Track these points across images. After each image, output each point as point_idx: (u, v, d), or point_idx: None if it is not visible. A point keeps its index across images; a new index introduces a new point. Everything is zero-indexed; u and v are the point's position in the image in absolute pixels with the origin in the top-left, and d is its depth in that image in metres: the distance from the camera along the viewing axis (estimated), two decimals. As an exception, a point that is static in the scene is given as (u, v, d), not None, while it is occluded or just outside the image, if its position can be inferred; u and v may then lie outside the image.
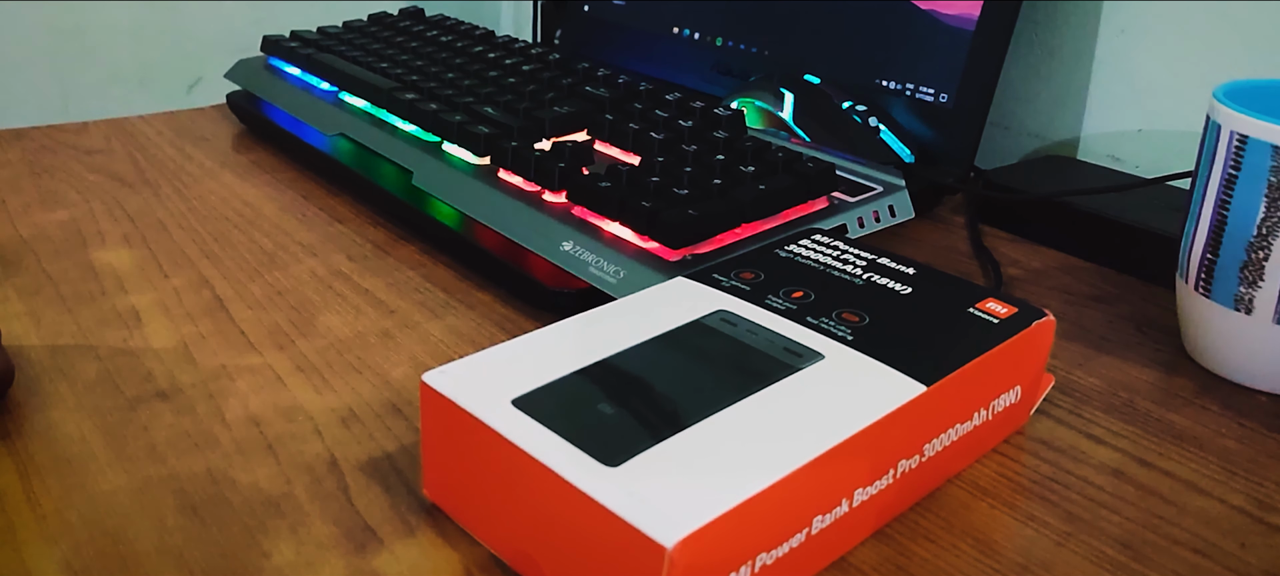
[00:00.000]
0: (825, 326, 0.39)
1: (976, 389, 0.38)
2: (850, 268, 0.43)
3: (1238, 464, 0.41)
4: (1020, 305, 0.41)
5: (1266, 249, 0.43)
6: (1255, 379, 0.46)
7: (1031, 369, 0.41)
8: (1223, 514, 0.38)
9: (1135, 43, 0.65)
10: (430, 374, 0.36)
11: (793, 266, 0.44)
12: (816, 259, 0.44)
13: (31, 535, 0.35)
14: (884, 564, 0.35)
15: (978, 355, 0.37)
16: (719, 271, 0.43)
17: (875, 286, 0.42)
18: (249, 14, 0.96)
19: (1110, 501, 0.38)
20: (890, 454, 0.35)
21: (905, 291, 0.42)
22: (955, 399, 0.37)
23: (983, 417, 0.39)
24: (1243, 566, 0.35)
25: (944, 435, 0.37)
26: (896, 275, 0.43)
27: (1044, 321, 0.40)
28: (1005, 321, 0.40)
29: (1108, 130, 0.68)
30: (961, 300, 0.41)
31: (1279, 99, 0.47)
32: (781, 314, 0.40)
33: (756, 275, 0.43)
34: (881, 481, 0.35)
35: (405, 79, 0.68)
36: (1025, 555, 0.35)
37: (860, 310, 0.40)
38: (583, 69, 0.69)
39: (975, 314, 0.40)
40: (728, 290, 0.41)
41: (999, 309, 0.40)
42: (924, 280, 0.43)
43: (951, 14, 0.64)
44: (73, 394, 0.42)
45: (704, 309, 0.40)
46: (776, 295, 0.41)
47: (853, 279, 0.43)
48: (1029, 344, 0.40)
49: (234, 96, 0.77)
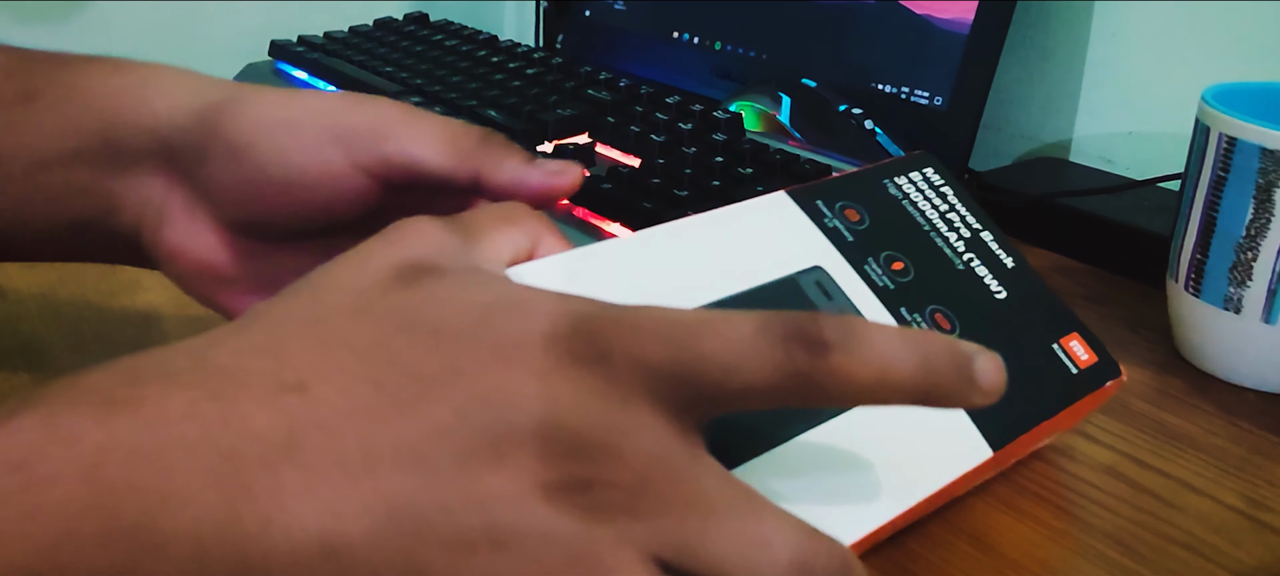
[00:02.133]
0: (917, 327, 0.35)
1: (1031, 443, 0.36)
2: (954, 238, 0.38)
3: (1230, 462, 0.41)
4: (1100, 353, 0.38)
5: (1255, 249, 0.43)
6: (1245, 377, 0.46)
7: (1081, 417, 0.39)
8: (1215, 511, 0.38)
9: (1126, 46, 0.65)
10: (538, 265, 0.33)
11: (898, 215, 0.38)
12: (924, 210, 0.39)
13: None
14: (882, 561, 0.35)
15: (1048, 418, 0.35)
16: (825, 198, 0.37)
17: (974, 277, 0.38)
18: (256, 19, 0.95)
19: (1105, 500, 0.38)
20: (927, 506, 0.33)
21: (1000, 294, 0.37)
22: (1010, 455, 0.35)
23: (1016, 457, 0.37)
24: (1235, 563, 0.35)
25: (986, 476, 0.35)
26: (996, 266, 0.38)
27: (1115, 382, 0.38)
28: (1083, 373, 0.37)
29: (1099, 132, 0.67)
30: (1049, 330, 0.37)
31: (1267, 102, 0.47)
32: (878, 293, 0.35)
33: (861, 216, 0.37)
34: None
35: (410, 83, 0.68)
36: (1021, 553, 0.35)
37: (953, 313, 0.36)
38: (584, 73, 0.69)
39: (1059, 355, 0.37)
40: (830, 233, 0.36)
41: (1082, 353, 0.37)
42: (1020, 281, 0.38)
43: (946, 18, 0.64)
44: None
45: (801, 260, 0.35)
46: (877, 260, 0.36)
47: (954, 258, 0.38)
48: (1091, 403, 0.38)
49: (242, 101, 0.77)
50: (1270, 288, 0.43)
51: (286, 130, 0.35)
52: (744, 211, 0.36)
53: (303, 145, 0.35)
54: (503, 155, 0.35)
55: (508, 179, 0.35)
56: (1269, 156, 0.42)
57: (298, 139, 0.35)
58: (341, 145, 0.35)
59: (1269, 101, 0.47)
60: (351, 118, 0.35)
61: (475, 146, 0.35)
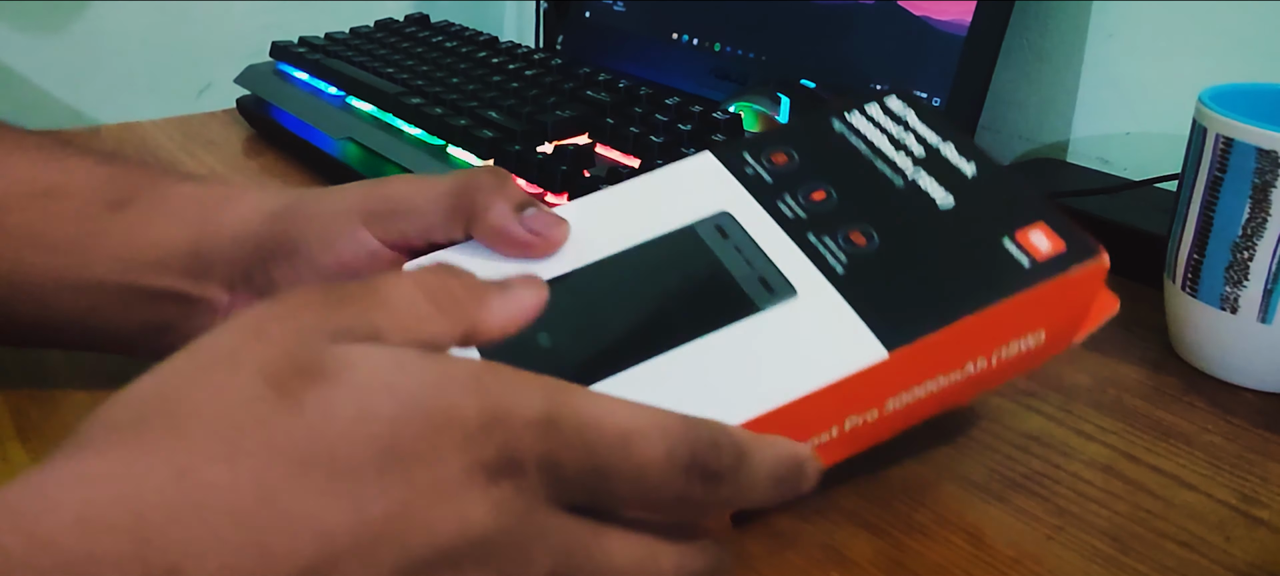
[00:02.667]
0: (824, 249, 0.35)
1: (972, 342, 0.34)
2: (902, 158, 0.38)
3: (1223, 459, 0.41)
4: (1071, 239, 0.34)
5: (1251, 249, 0.43)
6: (1241, 376, 0.46)
7: (1065, 313, 0.35)
8: (1209, 508, 0.38)
9: (1123, 47, 0.65)
10: (409, 265, 0.36)
11: (837, 148, 0.39)
12: (870, 139, 0.39)
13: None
14: (878, 557, 0.35)
15: (976, 310, 0.33)
16: (751, 150, 0.39)
17: (916, 191, 0.37)
18: (258, 20, 0.96)
19: (1099, 496, 0.38)
20: (835, 414, 0.32)
21: (947, 203, 0.36)
22: (934, 357, 0.33)
23: (983, 366, 0.35)
24: (1228, 559, 0.35)
25: (917, 388, 0.34)
26: (950, 177, 0.37)
27: (1091, 266, 0.34)
28: (1041, 264, 0.34)
29: (1096, 133, 0.68)
30: (1005, 223, 0.35)
31: (1263, 102, 0.47)
32: (787, 224, 0.36)
33: (790, 158, 0.38)
34: (824, 436, 0.33)
35: (411, 84, 0.68)
36: (1016, 549, 0.36)
37: (875, 227, 0.35)
38: (584, 74, 0.69)
39: (1008, 248, 0.34)
40: (748, 181, 0.37)
41: (1041, 242, 0.34)
42: (979, 187, 0.36)
43: (944, 19, 0.64)
44: (91, 397, 0.42)
45: (709, 208, 0.37)
46: (795, 195, 0.37)
47: (894, 177, 0.37)
48: (1063, 290, 0.34)
49: (243, 101, 0.77)
50: (1266, 287, 0.43)
51: (330, 221, 0.37)
52: (672, 171, 0.38)
53: (342, 233, 0.37)
54: (492, 199, 0.35)
55: (494, 226, 0.35)
56: (1265, 157, 0.42)
57: (339, 228, 0.37)
58: (371, 228, 0.37)
59: (1265, 103, 0.47)
60: (373, 202, 0.37)
61: (468, 193, 0.36)
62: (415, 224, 0.36)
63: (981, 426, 0.42)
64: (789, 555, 0.35)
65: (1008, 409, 0.44)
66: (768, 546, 0.35)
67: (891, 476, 0.39)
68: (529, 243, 0.35)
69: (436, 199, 0.36)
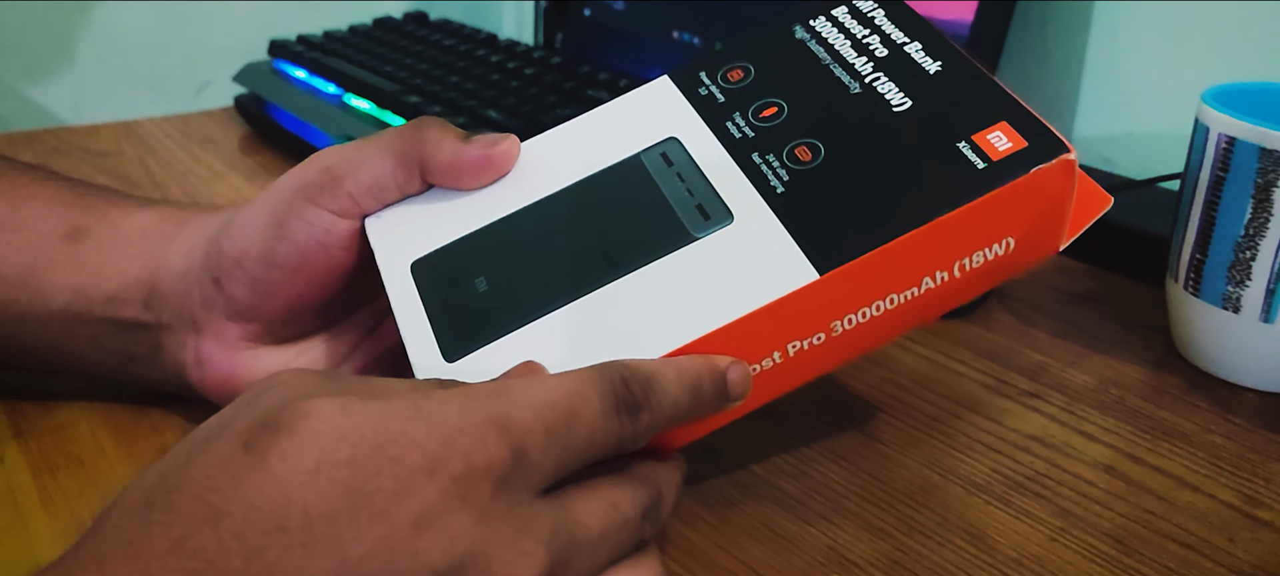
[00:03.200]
0: (765, 168, 0.34)
1: (922, 257, 0.32)
2: (861, 61, 0.36)
3: (1226, 460, 0.41)
4: (1035, 137, 0.32)
5: (1254, 249, 0.43)
6: (1243, 376, 0.46)
7: (1036, 217, 0.32)
8: (1212, 509, 0.38)
9: (1125, 47, 0.65)
10: (371, 218, 0.35)
11: (794, 57, 0.37)
12: (832, 44, 0.37)
13: (44, 531, 0.35)
14: (880, 558, 0.35)
15: (917, 226, 0.31)
16: (708, 69, 0.38)
17: (871, 95, 0.35)
18: (257, 18, 0.95)
19: (1102, 497, 0.38)
20: (773, 338, 0.31)
21: (902, 105, 0.34)
22: (879, 276, 0.31)
23: (945, 279, 0.32)
24: (1231, 560, 0.35)
25: (867, 309, 0.32)
26: (909, 76, 0.35)
27: (1056, 164, 0.31)
28: (996, 165, 0.31)
29: (1099, 133, 0.67)
30: (962, 124, 0.33)
31: (1266, 102, 0.47)
32: (734, 145, 0.35)
33: (746, 73, 0.37)
34: (767, 361, 0.32)
35: (409, 82, 0.68)
36: (1019, 550, 0.35)
37: (822, 140, 0.34)
38: (583, 72, 0.69)
39: (963, 151, 0.32)
40: (700, 103, 0.37)
41: (1001, 142, 0.32)
42: (941, 87, 0.34)
43: (946, 19, 0.64)
44: (86, 395, 0.42)
45: (658, 134, 0.36)
46: (744, 113, 0.36)
47: (850, 83, 0.35)
48: (1026, 192, 0.31)
49: (242, 99, 0.77)
50: (1269, 287, 0.43)
51: (267, 219, 0.35)
52: (630, 99, 0.38)
53: (289, 219, 0.35)
54: (439, 138, 0.35)
55: (447, 160, 0.35)
56: (1268, 156, 0.42)
57: (284, 216, 0.35)
58: (318, 202, 0.35)
59: (1267, 102, 0.47)
60: (312, 175, 0.35)
61: (414, 138, 0.35)
62: (363, 182, 0.35)
63: (984, 428, 0.42)
64: (791, 557, 0.35)
65: (1010, 409, 0.43)
66: (770, 548, 0.35)
67: (894, 478, 0.39)
68: (484, 161, 0.35)
69: (381, 153, 0.35)
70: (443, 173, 0.35)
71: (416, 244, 0.34)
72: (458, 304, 0.32)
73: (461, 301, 0.32)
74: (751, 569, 0.34)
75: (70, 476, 0.37)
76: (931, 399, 0.44)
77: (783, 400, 0.33)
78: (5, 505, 0.36)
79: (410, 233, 0.35)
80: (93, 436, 0.39)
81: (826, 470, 0.39)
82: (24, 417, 0.40)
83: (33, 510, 0.36)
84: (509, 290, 0.32)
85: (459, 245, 0.34)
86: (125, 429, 0.40)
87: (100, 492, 0.37)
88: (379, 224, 0.35)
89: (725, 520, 0.36)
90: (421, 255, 0.34)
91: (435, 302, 0.32)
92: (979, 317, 0.51)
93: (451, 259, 0.34)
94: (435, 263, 0.34)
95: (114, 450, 0.39)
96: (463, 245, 0.34)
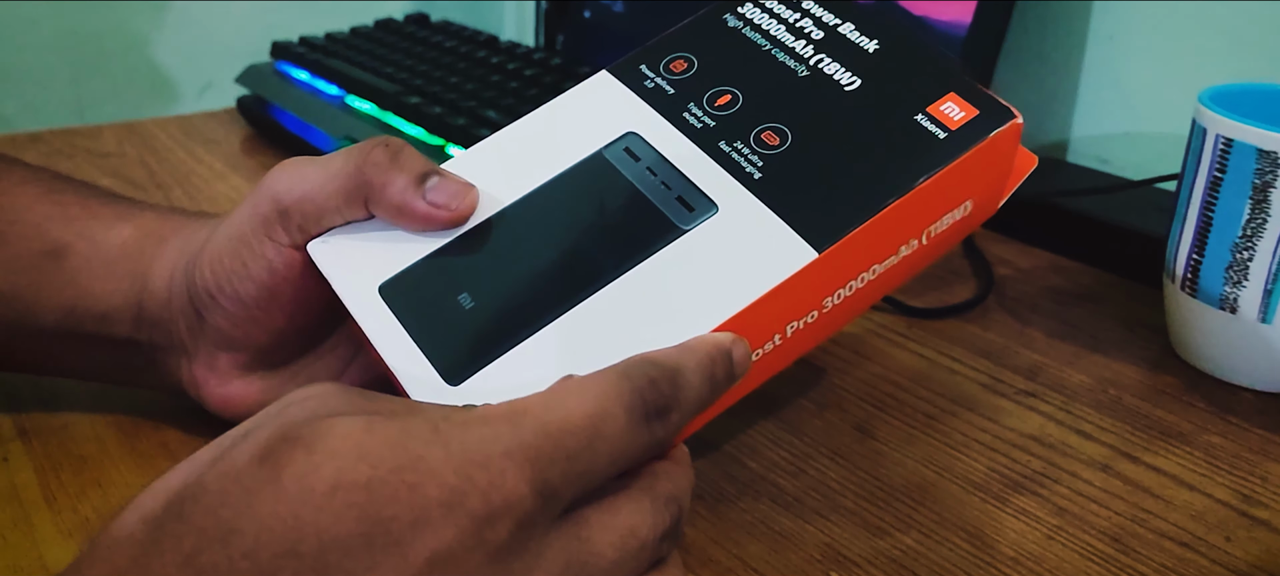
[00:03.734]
0: (737, 155, 0.34)
1: (900, 226, 0.33)
2: (800, 45, 0.37)
3: (1223, 459, 0.41)
4: (983, 104, 0.34)
5: (1251, 249, 0.43)
6: (1240, 376, 0.46)
7: (988, 179, 0.35)
8: (1208, 508, 0.38)
9: (1123, 48, 0.65)
10: (314, 243, 0.34)
11: (734, 46, 0.37)
12: (767, 30, 0.38)
13: (48, 530, 0.35)
14: (877, 556, 0.35)
15: (900, 195, 0.32)
16: (648, 61, 0.38)
17: (821, 78, 0.36)
18: (259, 20, 0.96)
19: (1099, 496, 0.38)
20: (775, 321, 0.32)
21: (852, 85, 0.35)
22: (866, 248, 0.33)
23: (916, 245, 0.34)
24: (1228, 559, 0.35)
25: (852, 282, 0.33)
26: (852, 57, 0.36)
27: (1006, 128, 0.34)
28: (956, 134, 0.33)
29: (1096, 133, 0.68)
30: (915, 99, 0.34)
31: (1263, 103, 0.47)
32: (696, 135, 0.35)
33: (688, 64, 0.37)
34: (768, 345, 0.32)
35: (410, 83, 0.68)
36: (1016, 548, 0.35)
37: (786, 124, 0.34)
38: (583, 73, 0.68)
39: (923, 124, 0.34)
40: (649, 96, 0.36)
41: (954, 112, 0.34)
42: (884, 64, 0.36)
43: (944, 19, 0.64)
44: (88, 393, 0.42)
45: (614, 130, 0.35)
46: (699, 103, 0.36)
47: (796, 67, 0.36)
48: (983, 157, 0.34)
49: (244, 100, 0.77)
50: (1266, 287, 0.43)
51: (231, 256, 0.35)
52: (570, 98, 0.37)
53: (250, 257, 0.34)
54: (392, 177, 0.33)
55: (394, 203, 0.33)
56: (1265, 157, 0.42)
57: (245, 255, 0.34)
58: (273, 236, 0.34)
59: (1265, 103, 0.47)
60: (259, 206, 0.34)
61: (360, 170, 0.33)
62: (311, 216, 0.34)
63: (982, 427, 0.42)
64: (789, 554, 0.35)
65: (1008, 409, 0.44)
66: (769, 546, 0.35)
67: (891, 476, 0.39)
68: (432, 216, 0.33)
69: (329, 185, 0.33)
70: (388, 212, 0.33)
71: (376, 265, 0.33)
72: (444, 323, 0.31)
73: (448, 320, 0.31)
74: (748, 565, 0.34)
75: (73, 474, 0.37)
76: (928, 398, 0.44)
77: (780, 397, 0.33)
78: (9, 502, 0.36)
79: (365, 254, 0.33)
80: (96, 435, 0.40)
81: (824, 467, 0.39)
82: (28, 416, 0.40)
83: (36, 507, 0.36)
84: (498, 304, 0.31)
85: (429, 263, 0.33)
86: (128, 427, 0.40)
87: (103, 490, 0.37)
88: (325, 248, 0.33)
89: (722, 516, 0.36)
90: (388, 277, 0.32)
91: (418, 324, 0.31)
92: (976, 317, 0.51)
93: (424, 278, 0.32)
94: (406, 283, 0.32)
95: (117, 448, 0.39)
96: (433, 263, 0.33)
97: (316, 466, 0.23)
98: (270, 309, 0.35)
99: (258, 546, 0.22)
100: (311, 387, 0.26)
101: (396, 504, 0.23)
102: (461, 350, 0.30)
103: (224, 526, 0.23)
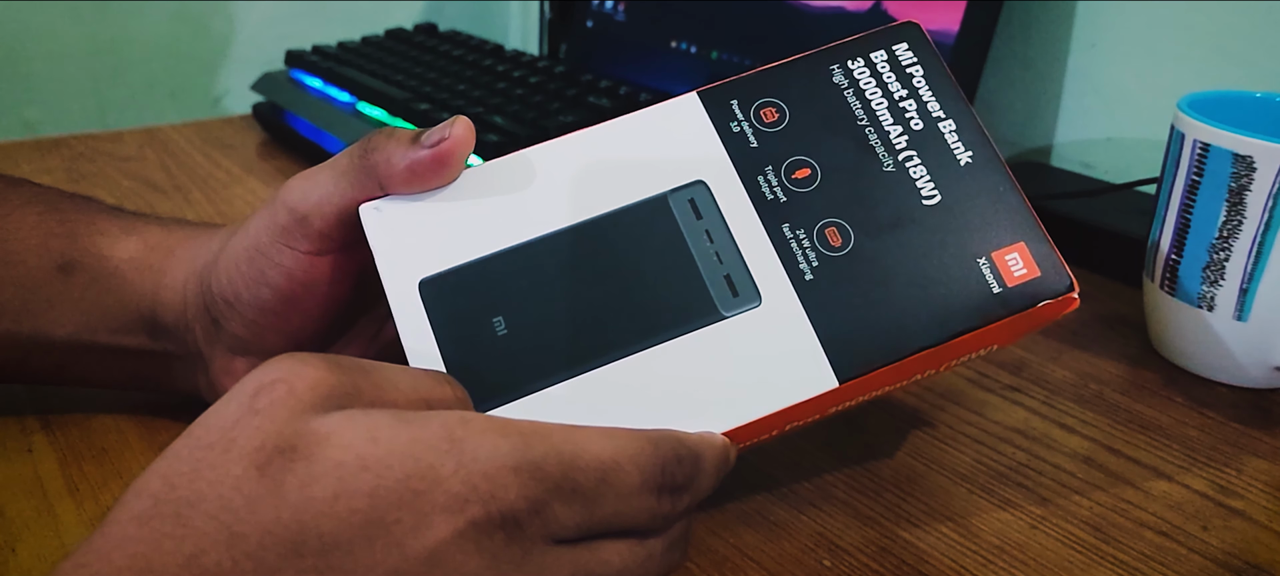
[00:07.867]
0: (796, 246, 0.32)
1: (924, 362, 0.32)
2: (896, 131, 0.34)
3: (1200, 451, 0.41)
4: (1047, 267, 0.32)
5: (1227, 250, 0.43)
6: (1216, 371, 0.46)
7: (1023, 331, 0.33)
8: (1186, 498, 0.38)
9: (1105, 55, 0.65)
10: (366, 206, 0.33)
11: (831, 108, 0.34)
12: (870, 99, 0.34)
13: (71, 520, 0.35)
14: (868, 545, 0.35)
15: (934, 344, 0.31)
16: (742, 98, 0.35)
17: (904, 179, 0.33)
18: (274, 30, 0.96)
19: (1081, 487, 0.38)
20: (780, 425, 0.31)
21: (932, 200, 0.33)
22: (885, 377, 0.32)
23: (932, 372, 0.34)
24: (1204, 547, 0.35)
25: (861, 398, 0.33)
26: (942, 165, 0.33)
27: (1059, 300, 0.32)
28: (1010, 292, 0.31)
29: (1079, 138, 0.68)
30: (984, 239, 0.32)
31: (1239, 109, 0.47)
32: (764, 206, 0.33)
33: (780, 115, 0.34)
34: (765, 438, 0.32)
35: (419, 90, 0.68)
36: (1001, 537, 0.35)
37: (853, 224, 0.32)
38: (586, 81, 0.69)
39: (982, 270, 0.32)
40: (731, 142, 0.34)
41: (1017, 266, 0.32)
42: (969, 186, 0.33)
43: (932, 26, 0.64)
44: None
45: (687, 173, 0.33)
46: (778, 168, 0.33)
47: (885, 159, 0.33)
48: (1026, 320, 0.32)
49: (259, 107, 0.77)
50: (1241, 286, 0.43)
51: (248, 264, 0.34)
52: (654, 115, 0.35)
53: (267, 266, 0.34)
54: (391, 149, 0.33)
55: (404, 167, 0.32)
56: (1240, 162, 0.42)
57: (261, 265, 0.34)
58: (289, 244, 0.34)
59: (1241, 110, 0.47)
60: (277, 216, 0.34)
61: (365, 159, 0.33)
62: (328, 216, 0.33)
63: (968, 420, 0.42)
64: (783, 543, 0.35)
65: (993, 403, 0.44)
66: (763, 535, 0.35)
67: (882, 468, 0.39)
68: (436, 161, 0.32)
69: (340, 182, 0.33)
70: (403, 183, 0.33)
71: (423, 256, 0.32)
72: (474, 345, 0.30)
73: (478, 343, 0.30)
74: (745, 553, 0.34)
75: (95, 465, 0.38)
76: (917, 392, 0.44)
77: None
78: (33, 493, 0.36)
79: (415, 238, 0.32)
80: (117, 427, 0.40)
81: (817, 459, 0.39)
82: (51, 408, 0.41)
83: (59, 497, 0.36)
84: (532, 340, 0.30)
85: (472, 271, 0.31)
86: (147, 420, 0.40)
87: (123, 481, 0.37)
88: (378, 218, 0.32)
89: (719, 506, 0.36)
90: (430, 274, 0.31)
91: (448, 337, 0.30)
92: (964, 315, 0.51)
93: (465, 288, 0.31)
94: (446, 287, 0.31)
95: (138, 441, 0.39)
96: (476, 272, 0.31)
97: (318, 476, 0.23)
98: (288, 314, 0.35)
99: (261, 548, 0.23)
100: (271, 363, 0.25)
101: (400, 509, 0.23)
102: (486, 379, 0.29)
103: (226, 531, 0.23)
